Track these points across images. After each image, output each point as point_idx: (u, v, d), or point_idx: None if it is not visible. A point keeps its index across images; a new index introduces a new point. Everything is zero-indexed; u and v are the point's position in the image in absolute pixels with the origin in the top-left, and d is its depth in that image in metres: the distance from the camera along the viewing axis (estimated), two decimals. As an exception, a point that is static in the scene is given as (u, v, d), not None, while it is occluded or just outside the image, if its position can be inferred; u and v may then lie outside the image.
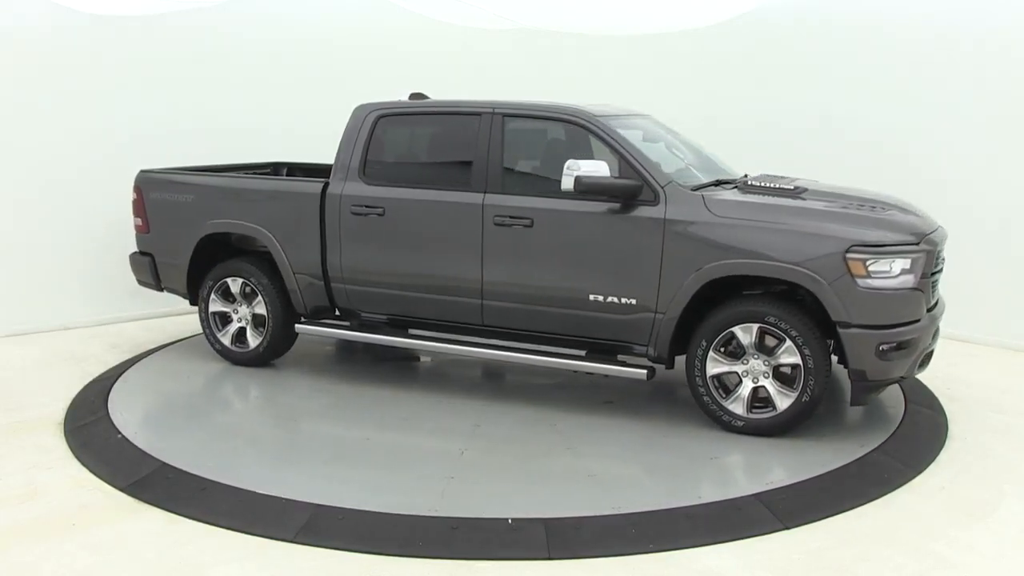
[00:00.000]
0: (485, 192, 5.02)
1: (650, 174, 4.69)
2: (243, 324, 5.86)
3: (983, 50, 6.69)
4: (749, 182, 4.92)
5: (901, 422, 4.87)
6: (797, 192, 4.75)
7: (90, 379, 5.55)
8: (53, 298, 6.80)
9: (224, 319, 5.92)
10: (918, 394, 5.33)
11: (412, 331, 5.52)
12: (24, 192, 6.63)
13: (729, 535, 3.55)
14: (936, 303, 4.77)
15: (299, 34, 7.98)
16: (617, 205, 4.70)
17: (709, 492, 3.92)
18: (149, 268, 6.11)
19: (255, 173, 6.61)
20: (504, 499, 3.85)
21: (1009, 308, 6.61)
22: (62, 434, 4.66)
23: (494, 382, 5.70)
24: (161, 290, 6.20)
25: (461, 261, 5.06)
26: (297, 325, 5.70)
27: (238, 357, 5.86)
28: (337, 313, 5.73)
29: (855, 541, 3.54)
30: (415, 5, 8.73)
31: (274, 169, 7.08)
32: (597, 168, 4.63)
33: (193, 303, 6.02)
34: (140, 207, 6.09)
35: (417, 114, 5.44)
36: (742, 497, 3.87)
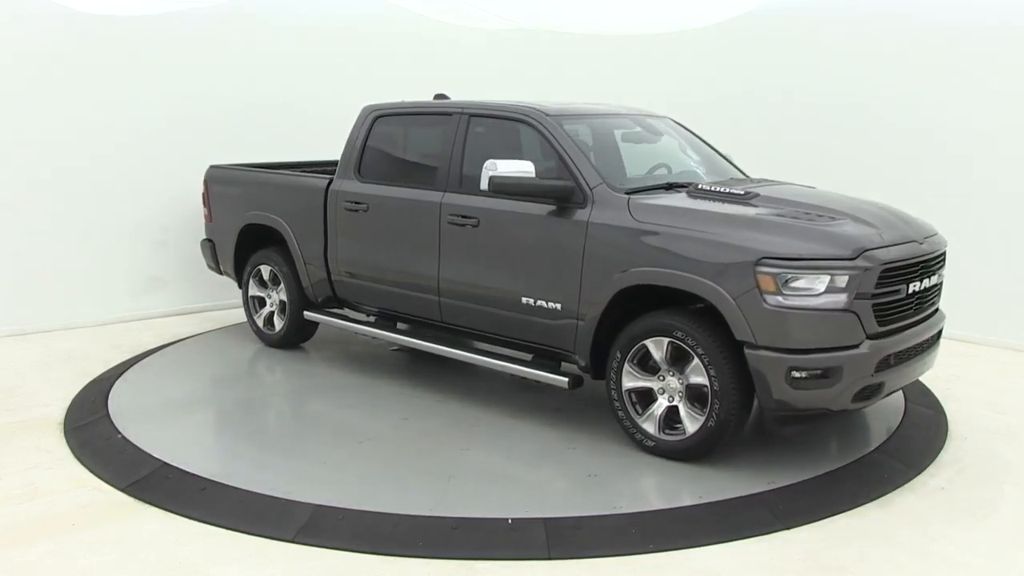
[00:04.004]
0: (444, 191, 5.09)
1: (582, 175, 4.51)
2: (272, 308, 6.34)
3: (984, 49, 6.69)
4: (700, 186, 4.59)
5: (901, 422, 4.87)
6: (745, 198, 4.37)
7: (90, 379, 5.54)
8: (53, 298, 6.79)
9: (261, 303, 6.44)
10: (918, 394, 5.33)
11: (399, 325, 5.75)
12: (24, 192, 6.62)
13: (729, 535, 3.55)
14: (904, 327, 4.17)
15: (299, 34, 7.97)
16: (554, 207, 4.55)
17: (535, 510, 3.74)
18: (211, 253, 6.74)
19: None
20: (346, 489, 3.91)
21: (1009, 308, 6.61)
22: (62, 434, 4.65)
23: (465, 379, 5.63)
24: (221, 273, 6.79)
25: (423, 258, 5.16)
26: (305, 312, 6.06)
27: (268, 339, 6.39)
28: (339, 304, 6.00)
29: (855, 541, 3.54)
30: (415, 5, 8.74)
31: None
32: (517, 168, 4.55)
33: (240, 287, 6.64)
34: (207, 199, 6.68)
35: (405, 115, 5.59)
36: (741, 497, 3.87)
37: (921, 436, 4.72)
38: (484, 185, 4.66)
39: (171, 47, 7.25)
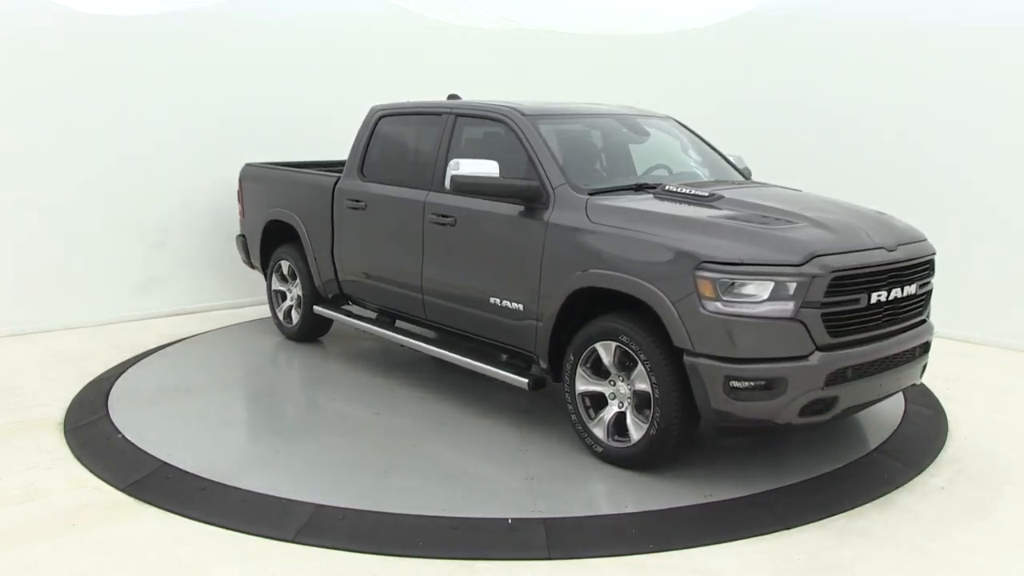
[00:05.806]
0: (429, 191, 5.12)
1: (546, 175, 4.46)
2: (291, 303, 6.54)
3: (983, 48, 6.69)
4: (667, 187, 4.45)
5: (901, 422, 4.87)
6: (708, 200, 4.23)
7: (90, 379, 5.54)
8: (53, 298, 6.79)
9: (282, 297, 6.64)
10: (918, 394, 5.32)
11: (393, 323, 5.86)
12: (24, 192, 6.62)
13: (729, 535, 3.55)
14: (868, 339, 3.93)
15: (298, 35, 7.97)
16: (523, 208, 4.51)
17: (451, 510, 3.74)
18: (243, 248, 6.97)
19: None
20: (280, 479, 4.01)
21: (1009, 308, 6.61)
22: (62, 434, 4.65)
23: (460, 378, 5.59)
24: (252, 267, 6.98)
25: (409, 256, 5.22)
26: (315, 307, 6.19)
27: (287, 332, 6.61)
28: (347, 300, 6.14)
29: (855, 541, 3.54)
30: (416, 5, 8.74)
31: None
32: (481, 167, 4.55)
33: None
34: (240, 195, 6.90)
35: (405, 115, 5.64)
36: (742, 497, 3.87)
37: (921, 436, 4.72)
38: (447, 184, 4.73)
39: (171, 47, 7.25)
